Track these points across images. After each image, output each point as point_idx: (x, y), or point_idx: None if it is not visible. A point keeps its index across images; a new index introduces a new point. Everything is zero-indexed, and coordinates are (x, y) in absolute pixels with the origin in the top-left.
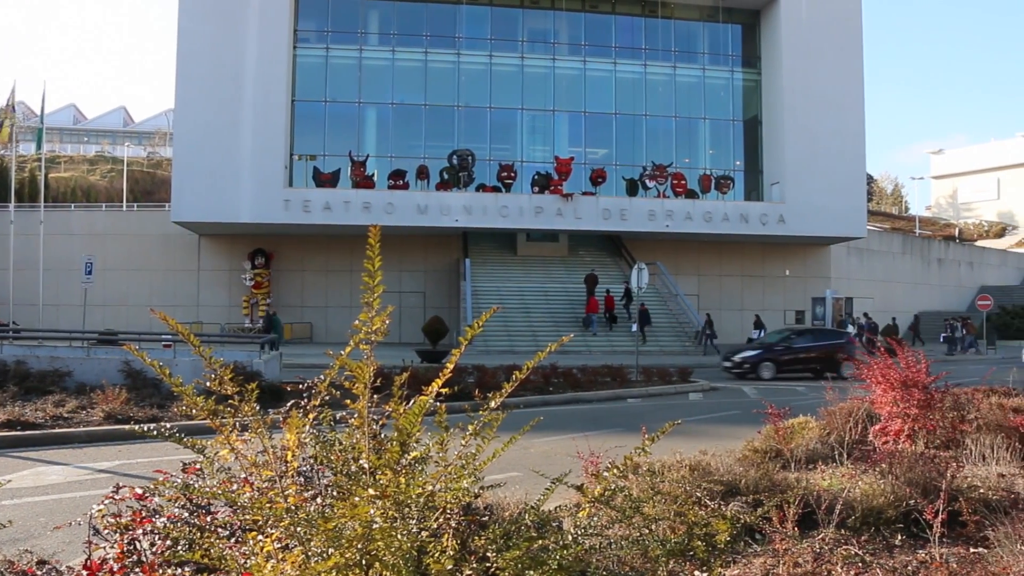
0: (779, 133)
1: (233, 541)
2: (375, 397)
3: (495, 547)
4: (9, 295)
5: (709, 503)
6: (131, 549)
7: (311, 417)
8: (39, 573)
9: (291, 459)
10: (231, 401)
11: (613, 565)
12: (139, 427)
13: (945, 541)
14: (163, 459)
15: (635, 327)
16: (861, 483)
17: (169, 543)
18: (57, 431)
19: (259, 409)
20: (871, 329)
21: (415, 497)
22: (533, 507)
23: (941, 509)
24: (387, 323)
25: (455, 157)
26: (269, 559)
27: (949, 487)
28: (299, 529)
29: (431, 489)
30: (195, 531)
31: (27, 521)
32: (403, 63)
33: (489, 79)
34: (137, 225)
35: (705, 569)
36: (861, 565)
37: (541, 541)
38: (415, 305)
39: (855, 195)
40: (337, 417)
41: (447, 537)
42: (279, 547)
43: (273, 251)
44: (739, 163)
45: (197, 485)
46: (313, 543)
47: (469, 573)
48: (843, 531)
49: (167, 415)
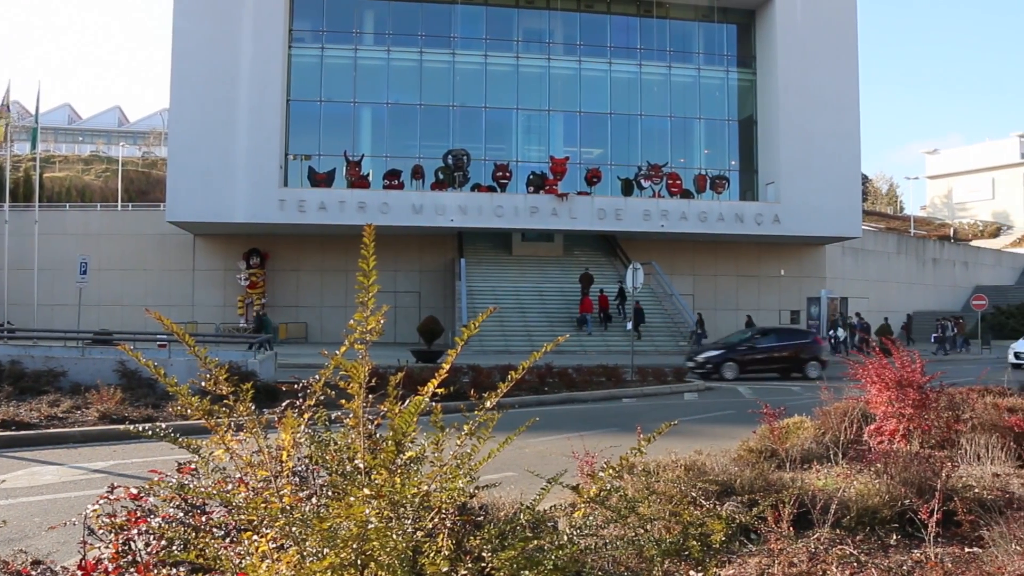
0: (774, 133)
1: (228, 541)
2: (370, 397)
3: (490, 547)
4: (4, 295)
5: (704, 503)
6: (126, 549)
7: (306, 417)
8: (34, 573)
9: (286, 459)
10: (226, 401)
11: (608, 565)
12: (134, 427)
13: (940, 541)
14: (158, 459)
15: (630, 325)
16: (856, 483)
17: (164, 543)
18: (52, 431)
19: (254, 409)
20: (863, 329)
21: (410, 497)
22: (528, 507)
23: (936, 509)
24: (382, 323)
25: (450, 157)
26: (264, 559)
27: (944, 487)
28: (294, 529)
29: (426, 489)
30: (190, 531)
31: (22, 521)
32: (398, 63)
33: (484, 79)
34: (132, 225)
35: (700, 569)
36: (856, 565)
37: (536, 541)
38: (410, 305)
39: (850, 195)
40: (332, 417)
41: (442, 537)
42: (274, 547)
43: (268, 251)
44: (734, 163)
45: (192, 485)
46: (308, 543)
47: (464, 573)
48: (838, 531)
49: (162, 415)
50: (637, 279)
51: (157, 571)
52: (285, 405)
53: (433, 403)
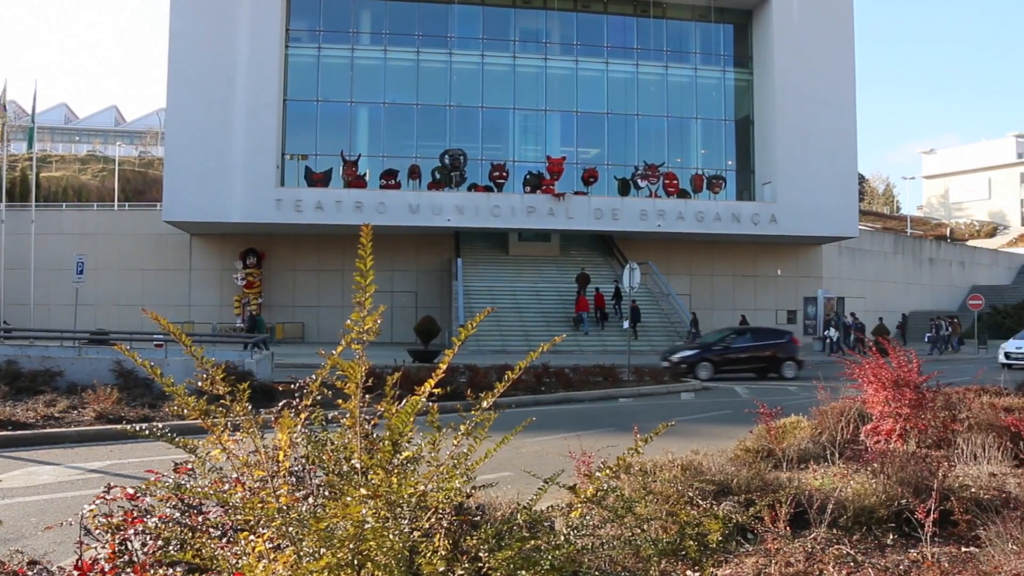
0: (771, 133)
1: (225, 541)
2: (367, 397)
3: (487, 547)
4: (1, 295)
5: (701, 503)
6: (122, 549)
7: (303, 417)
8: (30, 573)
9: (283, 459)
10: (223, 401)
11: (605, 565)
12: (131, 427)
13: (937, 540)
14: (154, 459)
15: (626, 324)
16: (853, 482)
17: (160, 543)
18: (48, 431)
19: (251, 409)
20: (858, 328)
21: (407, 497)
22: (525, 507)
23: (933, 508)
24: (379, 323)
25: (447, 157)
26: (261, 559)
27: (941, 486)
28: (291, 529)
29: (423, 489)
30: (186, 531)
31: (18, 521)
32: (395, 63)
33: (481, 79)
34: (128, 225)
35: (697, 569)
36: (853, 564)
37: (533, 541)
38: (407, 305)
39: (847, 195)
40: (329, 417)
41: (439, 537)
42: (271, 547)
43: (265, 251)
44: (731, 163)
45: (189, 485)
46: (305, 543)
47: (461, 573)
48: (835, 530)
49: (159, 415)
50: (634, 279)
51: (154, 571)
52: (282, 405)
53: (430, 403)
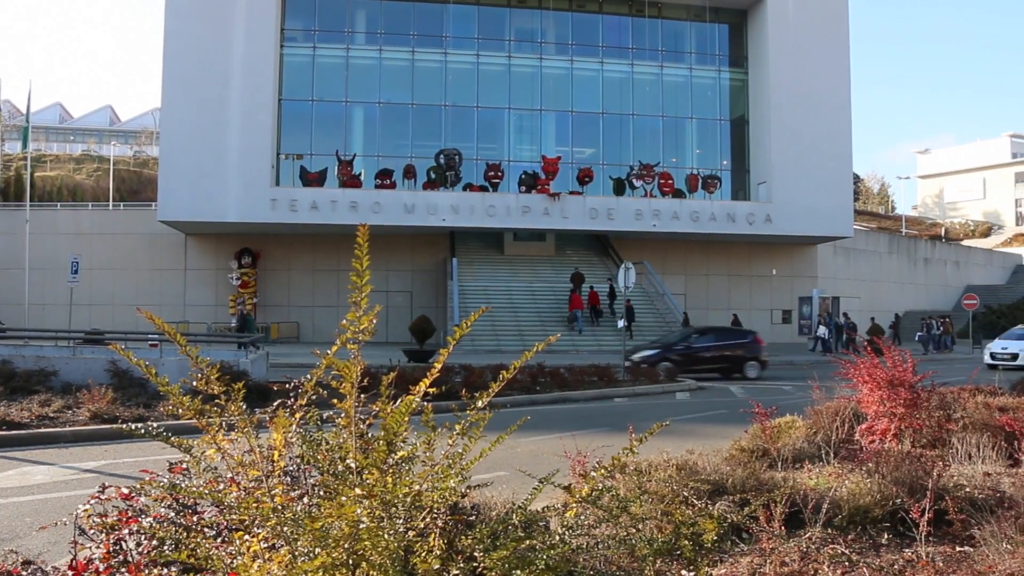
0: (766, 132)
1: (220, 541)
2: (362, 396)
3: (482, 547)
4: None
5: (696, 502)
6: (117, 549)
7: (298, 416)
8: (24, 573)
9: (278, 459)
10: (218, 401)
11: (600, 565)
12: (125, 426)
13: (931, 540)
14: (149, 459)
15: (621, 323)
16: (848, 482)
17: (155, 543)
18: (43, 431)
19: (246, 408)
20: (851, 328)
21: (402, 497)
22: (520, 507)
23: (927, 508)
24: (374, 322)
25: (442, 156)
26: (256, 559)
27: (935, 486)
28: (286, 529)
29: (418, 489)
30: (181, 531)
31: (12, 521)
32: (390, 62)
33: (476, 78)
34: (123, 224)
35: (692, 568)
36: (848, 564)
37: (528, 541)
38: (402, 304)
39: (842, 194)
40: (324, 416)
41: (434, 537)
42: (266, 547)
43: (260, 250)
44: (726, 162)
45: (183, 485)
46: (300, 543)
47: (456, 573)
48: (830, 530)
49: (153, 415)
50: (629, 279)
51: (148, 571)
52: (277, 405)
53: (425, 403)
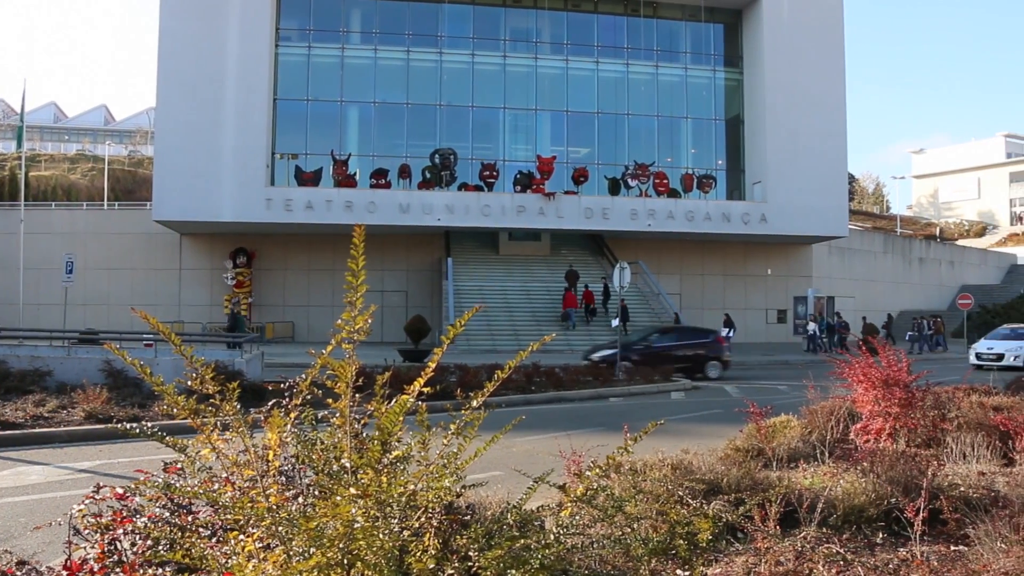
0: (761, 132)
1: (214, 541)
2: (357, 396)
3: (477, 546)
4: None
5: (691, 502)
6: (112, 549)
7: (293, 416)
8: (19, 573)
9: (272, 458)
10: (212, 400)
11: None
12: (120, 426)
13: (926, 539)
14: (144, 459)
15: (615, 323)
16: (843, 482)
17: (150, 543)
18: (37, 431)
19: (240, 408)
20: (844, 327)
21: (397, 496)
22: (515, 506)
23: (922, 507)
24: (369, 322)
25: (437, 156)
26: (250, 559)
27: (930, 485)
28: (280, 529)
29: (413, 488)
30: (176, 531)
31: (7, 521)
32: (385, 62)
33: (471, 78)
34: (118, 224)
35: (687, 568)
36: (843, 563)
37: (523, 540)
38: (397, 304)
39: (837, 194)
40: (319, 416)
41: (429, 536)
42: (260, 547)
43: (255, 250)
44: (721, 162)
45: (178, 485)
46: (295, 543)
47: (451, 572)
48: (825, 529)
49: (148, 414)
50: (624, 278)
51: (143, 571)
52: (271, 404)
53: (420, 402)
